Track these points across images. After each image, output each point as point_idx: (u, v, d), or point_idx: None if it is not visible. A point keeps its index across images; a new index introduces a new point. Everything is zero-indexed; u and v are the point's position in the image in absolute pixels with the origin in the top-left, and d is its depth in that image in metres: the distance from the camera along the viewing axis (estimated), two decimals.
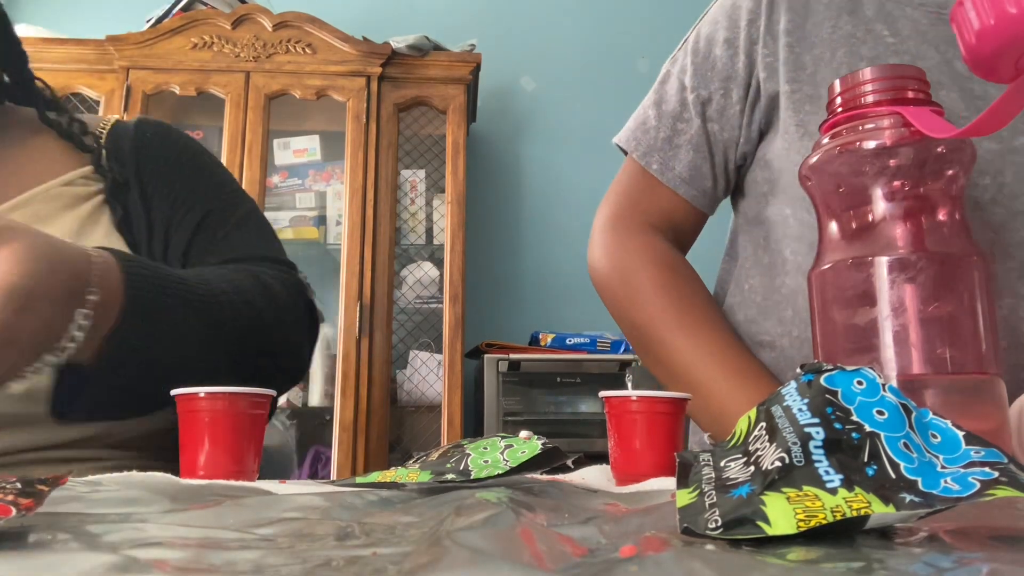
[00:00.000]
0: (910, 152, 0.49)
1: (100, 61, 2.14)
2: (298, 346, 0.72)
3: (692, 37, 0.79)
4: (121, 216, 0.69)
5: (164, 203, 0.72)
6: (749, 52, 0.73)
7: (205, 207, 0.73)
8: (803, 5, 0.71)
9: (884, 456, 0.28)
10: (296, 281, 0.72)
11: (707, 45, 0.76)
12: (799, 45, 0.70)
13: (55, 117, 0.74)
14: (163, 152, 0.75)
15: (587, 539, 0.26)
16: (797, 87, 0.69)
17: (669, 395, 0.48)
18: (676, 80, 0.80)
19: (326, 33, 2.15)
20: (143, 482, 0.39)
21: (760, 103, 0.73)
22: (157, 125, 0.78)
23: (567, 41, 2.62)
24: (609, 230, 0.79)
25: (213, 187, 0.76)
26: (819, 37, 0.70)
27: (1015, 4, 0.39)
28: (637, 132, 0.80)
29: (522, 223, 2.50)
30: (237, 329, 0.62)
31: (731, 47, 0.74)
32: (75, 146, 0.72)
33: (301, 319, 0.71)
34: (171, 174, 0.74)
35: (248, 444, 0.49)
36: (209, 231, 0.72)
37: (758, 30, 0.72)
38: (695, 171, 0.76)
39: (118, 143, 0.74)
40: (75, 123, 0.74)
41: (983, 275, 0.48)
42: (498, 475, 0.41)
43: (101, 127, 0.76)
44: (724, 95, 0.74)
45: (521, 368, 2.02)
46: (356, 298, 2.03)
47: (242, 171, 2.08)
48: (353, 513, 0.33)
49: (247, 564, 0.22)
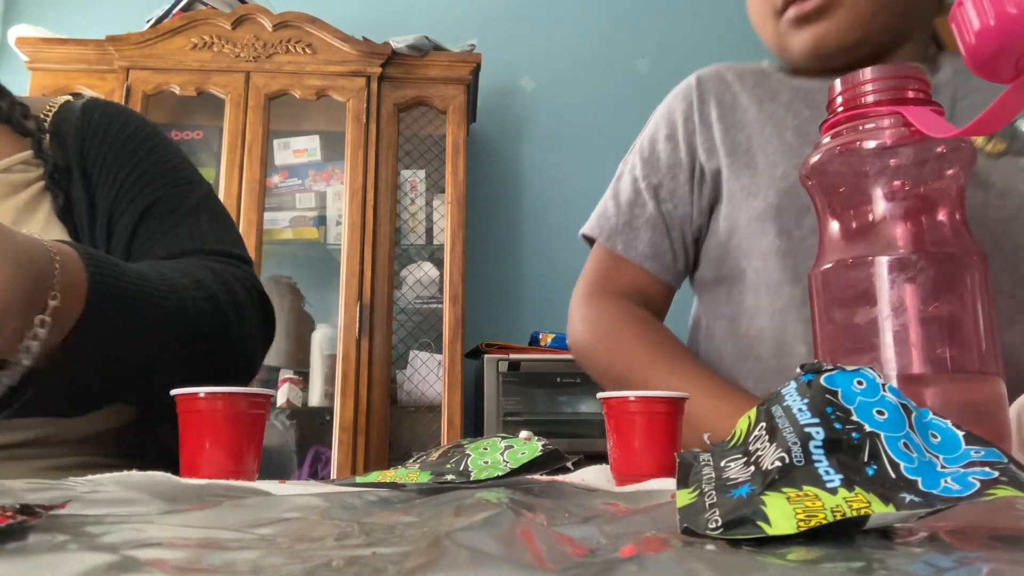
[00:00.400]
0: (910, 152, 0.49)
1: (100, 61, 2.14)
2: (252, 345, 0.68)
3: (638, 143, 0.91)
4: (63, 203, 0.66)
5: (109, 189, 0.68)
6: (689, 142, 0.84)
7: (153, 194, 0.69)
8: (730, 99, 0.84)
9: (884, 456, 0.28)
10: (250, 277, 0.69)
11: (651, 144, 0.88)
12: (732, 128, 0.82)
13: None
14: (109, 135, 0.71)
15: (587, 539, 0.26)
16: (735, 159, 0.80)
17: (668, 395, 0.48)
18: (629, 175, 0.90)
19: (326, 33, 2.15)
20: (142, 483, 0.39)
21: (706, 180, 0.83)
22: (107, 106, 0.74)
23: (567, 41, 2.62)
24: (585, 303, 0.87)
25: (163, 172, 0.71)
26: (747, 119, 0.81)
27: (1015, 4, 0.39)
28: (600, 221, 0.89)
29: (522, 223, 2.50)
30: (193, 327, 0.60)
31: (672, 141, 0.85)
32: (14, 130, 0.68)
33: (255, 317, 0.68)
34: (117, 158, 0.69)
35: (248, 444, 0.49)
36: (155, 220, 0.68)
37: (693, 123, 0.84)
38: (656, 247, 0.84)
39: (62, 126, 0.70)
40: (16, 106, 0.70)
41: (983, 275, 0.48)
42: (498, 476, 0.41)
43: (47, 109, 0.72)
44: (673, 179, 0.84)
45: (521, 368, 2.02)
46: (356, 298, 2.03)
47: (242, 171, 2.08)
48: (353, 513, 0.33)
49: (246, 564, 0.22)
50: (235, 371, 0.67)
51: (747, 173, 0.78)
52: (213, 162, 2.21)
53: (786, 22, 0.79)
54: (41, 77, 2.14)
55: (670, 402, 0.48)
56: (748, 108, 0.82)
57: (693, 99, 0.85)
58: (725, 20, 2.65)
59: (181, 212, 0.69)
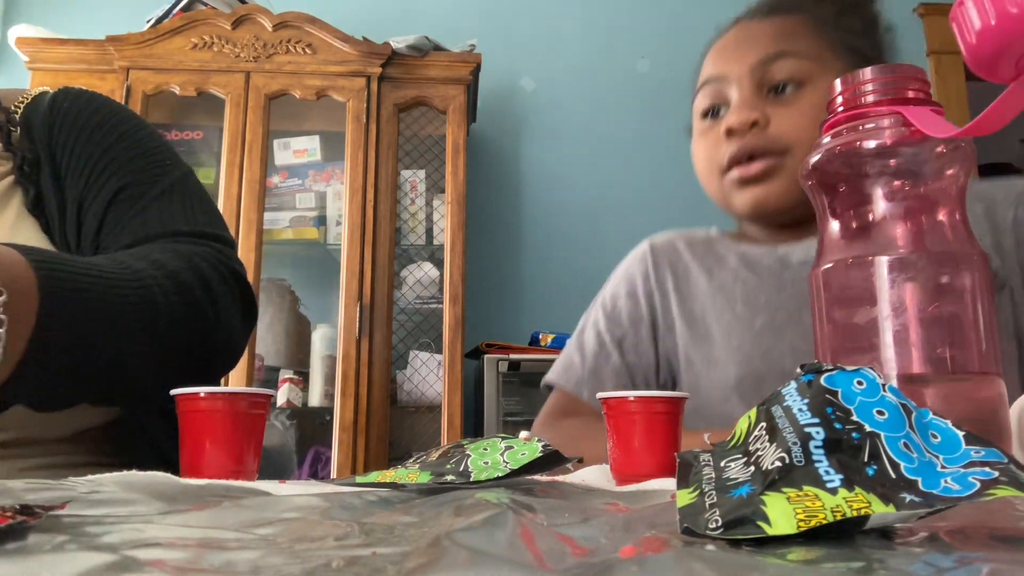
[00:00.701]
0: (910, 152, 0.49)
1: (100, 61, 2.14)
2: (228, 324, 0.63)
3: (599, 299, 0.95)
4: (33, 197, 0.63)
5: (77, 179, 0.65)
6: (648, 300, 0.89)
7: (121, 179, 0.65)
8: (682, 268, 0.88)
9: (884, 456, 0.28)
10: (218, 254, 0.64)
11: (612, 300, 0.92)
12: (687, 298, 0.86)
13: None
14: (79, 122, 0.67)
15: (587, 539, 0.26)
16: (693, 330, 0.84)
17: (667, 395, 0.48)
18: (592, 329, 0.92)
19: (326, 33, 2.15)
20: (142, 483, 0.39)
21: (665, 341, 0.87)
22: (77, 93, 0.70)
23: (567, 41, 2.62)
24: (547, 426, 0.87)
25: (133, 157, 0.67)
26: (699, 290, 0.86)
27: (1016, 3, 0.39)
28: (565, 372, 0.91)
29: (522, 223, 2.50)
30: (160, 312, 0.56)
31: (632, 298, 0.90)
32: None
33: (227, 294, 0.63)
34: (86, 145, 0.66)
35: (248, 444, 0.49)
36: (123, 206, 0.64)
37: (651, 285, 0.89)
38: None
39: (31, 117, 0.67)
40: None
41: (983, 275, 0.48)
42: (498, 477, 0.41)
43: (19, 101, 0.69)
44: (635, 332, 0.88)
45: (521, 368, 2.02)
46: (356, 298, 2.03)
47: (242, 171, 2.08)
48: (352, 513, 0.33)
49: (246, 564, 0.22)
50: (214, 355, 0.63)
51: (705, 344, 0.83)
52: (213, 162, 2.21)
53: (729, 181, 0.82)
54: (41, 77, 2.14)
55: (670, 402, 0.48)
56: (699, 278, 0.87)
57: (649, 265, 0.90)
58: (725, 20, 2.64)
59: (150, 196, 0.65)
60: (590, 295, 0.97)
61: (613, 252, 2.47)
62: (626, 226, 2.49)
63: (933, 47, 2.62)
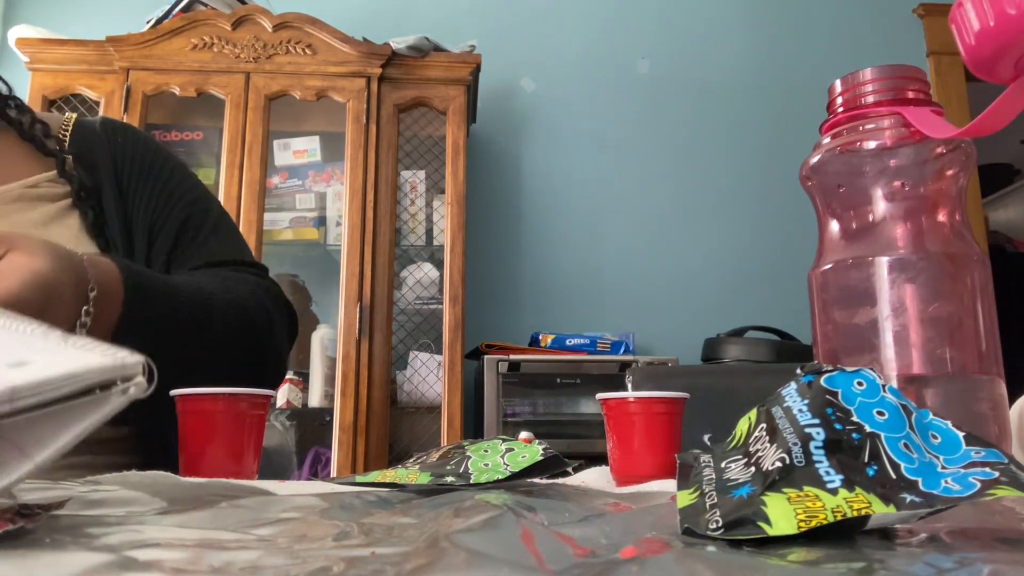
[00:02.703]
0: (910, 152, 0.49)
1: (100, 62, 2.14)
2: (282, 349, 0.74)
3: None
4: (92, 220, 0.69)
5: (146, 206, 0.73)
6: None
7: (183, 211, 0.75)
8: None
9: (884, 456, 0.28)
10: (275, 284, 0.76)
11: None
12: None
13: (16, 116, 0.73)
14: (137, 157, 0.76)
15: (588, 539, 0.26)
16: None
17: (667, 395, 0.48)
18: None
19: (326, 34, 2.15)
20: (142, 482, 0.39)
21: None
22: (125, 127, 0.80)
23: (567, 41, 2.62)
24: None
25: (187, 190, 0.78)
26: None
27: (1014, 5, 0.39)
28: None
29: (522, 223, 2.50)
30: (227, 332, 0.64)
31: None
32: (37, 149, 0.72)
33: (285, 323, 0.74)
34: (147, 180, 0.75)
35: (248, 444, 0.49)
36: (191, 233, 0.75)
37: None
38: None
39: (85, 146, 0.74)
40: (37, 124, 0.74)
41: (983, 275, 0.48)
42: (498, 480, 0.41)
43: (63, 129, 0.76)
44: None
45: (521, 369, 2.02)
46: (356, 299, 2.03)
47: (242, 172, 2.08)
48: (352, 513, 0.33)
49: (245, 564, 0.22)
50: (267, 374, 0.71)
51: None
52: (213, 163, 2.21)
53: None
54: (41, 77, 2.14)
55: (670, 402, 0.48)
56: None
57: None
58: (725, 20, 2.65)
59: (207, 229, 0.77)
60: (590, 295, 0.94)
61: (613, 252, 2.48)
62: (626, 226, 2.49)
63: (933, 47, 2.62)
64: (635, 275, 2.43)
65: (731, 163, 2.54)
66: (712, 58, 2.61)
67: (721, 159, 2.54)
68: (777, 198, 2.48)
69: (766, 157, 2.53)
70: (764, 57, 2.62)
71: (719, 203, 2.51)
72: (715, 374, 1.38)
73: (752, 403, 0.36)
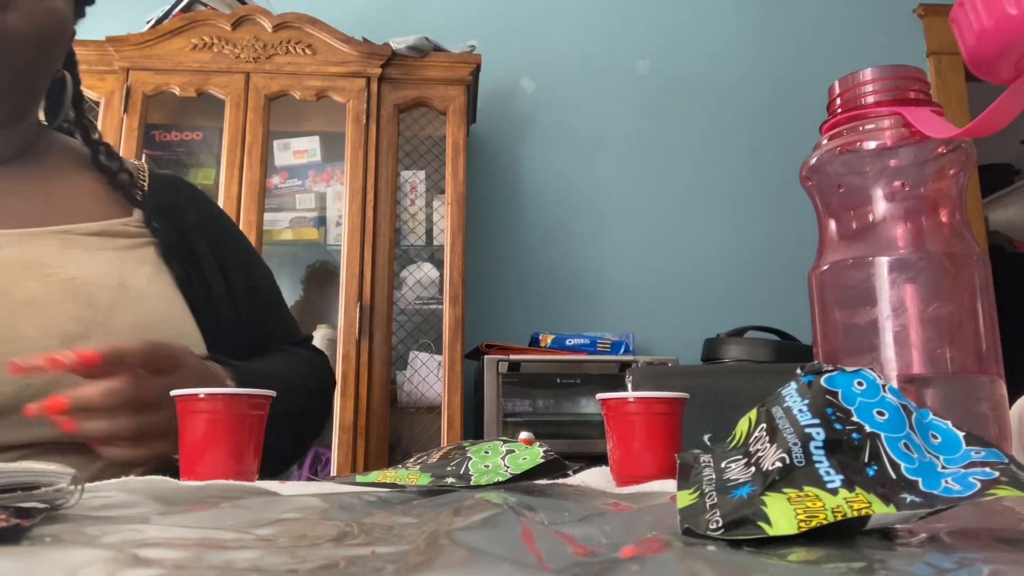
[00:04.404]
0: (910, 152, 0.49)
1: (100, 62, 2.14)
2: (327, 414, 0.87)
3: None
4: (181, 274, 0.75)
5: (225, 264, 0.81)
6: None
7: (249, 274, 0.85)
8: None
9: (885, 456, 0.28)
10: (327, 363, 0.88)
11: None
12: None
13: (107, 163, 0.78)
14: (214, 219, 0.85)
15: (588, 539, 0.26)
16: None
17: (667, 395, 0.48)
18: None
19: (326, 34, 2.15)
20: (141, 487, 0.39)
21: None
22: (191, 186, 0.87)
23: (567, 41, 2.62)
24: None
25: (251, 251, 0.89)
26: None
27: (1015, 5, 0.39)
28: None
29: (522, 224, 2.50)
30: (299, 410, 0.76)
31: None
32: (127, 199, 0.77)
33: (331, 394, 0.88)
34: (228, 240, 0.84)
35: (248, 444, 0.49)
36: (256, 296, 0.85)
37: None
38: None
39: (162, 200, 0.80)
40: (123, 172, 0.78)
41: (983, 275, 0.48)
42: (498, 482, 0.41)
43: (141, 178, 0.81)
44: None
45: (521, 369, 2.02)
46: (356, 299, 2.03)
47: (242, 172, 2.08)
48: (352, 513, 0.33)
49: (246, 564, 0.22)
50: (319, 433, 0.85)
51: None
52: (213, 163, 2.21)
53: None
54: None
55: (670, 402, 0.48)
56: None
57: None
58: (725, 20, 2.65)
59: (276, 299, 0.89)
60: (590, 295, 0.94)
61: (613, 252, 2.48)
62: (626, 226, 2.49)
63: (933, 47, 2.62)
64: (635, 275, 2.43)
65: (731, 163, 2.54)
66: (712, 58, 2.61)
67: (721, 159, 2.54)
68: (777, 198, 2.48)
69: (766, 157, 2.53)
70: (764, 57, 2.62)
71: (719, 203, 2.51)
72: (715, 374, 1.37)
73: (752, 403, 0.36)
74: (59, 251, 0.68)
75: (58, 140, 0.80)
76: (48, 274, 0.65)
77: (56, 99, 0.80)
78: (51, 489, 0.31)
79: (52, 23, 0.70)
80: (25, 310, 0.62)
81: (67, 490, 0.32)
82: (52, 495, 0.31)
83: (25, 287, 0.63)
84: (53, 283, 0.64)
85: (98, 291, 0.66)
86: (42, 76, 0.74)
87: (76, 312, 0.64)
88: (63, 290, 0.64)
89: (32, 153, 0.75)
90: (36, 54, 0.69)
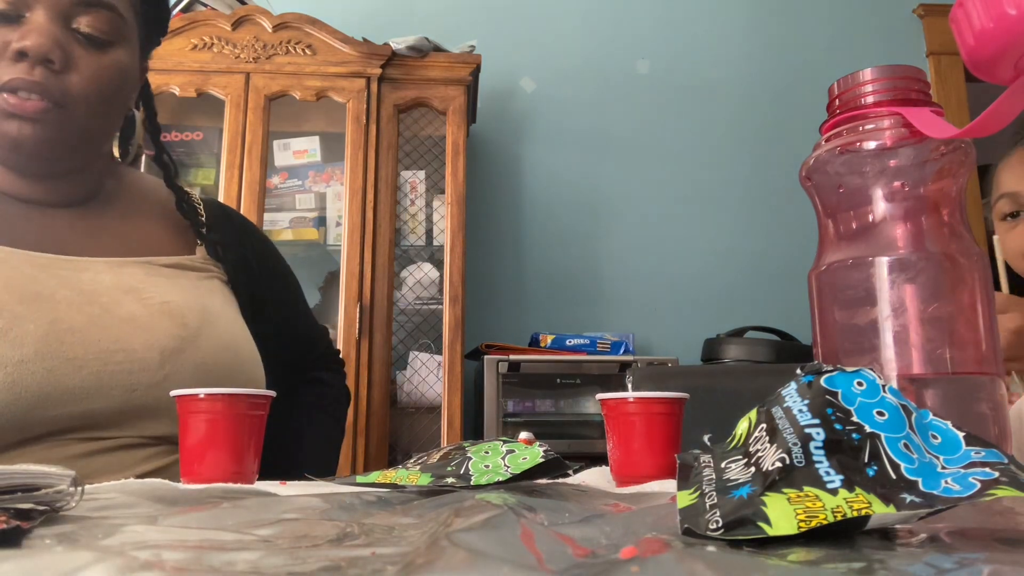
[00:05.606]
0: (910, 152, 0.49)
1: None
2: None
3: None
4: (243, 302, 0.81)
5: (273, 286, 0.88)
6: None
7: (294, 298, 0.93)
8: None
9: (884, 457, 0.28)
10: (345, 382, 1.01)
11: None
12: None
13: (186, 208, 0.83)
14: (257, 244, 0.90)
15: (588, 539, 0.26)
16: None
17: (666, 395, 0.48)
18: None
19: (326, 34, 2.15)
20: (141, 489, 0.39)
21: None
22: (240, 216, 0.94)
23: (567, 41, 2.62)
24: None
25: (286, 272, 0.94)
26: None
27: (1014, 5, 0.39)
28: None
29: (522, 224, 2.50)
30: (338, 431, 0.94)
31: None
32: (194, 231, 0.83)
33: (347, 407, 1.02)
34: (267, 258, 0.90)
35: (248, 445, 0.49)
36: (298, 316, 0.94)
37: None
38: None
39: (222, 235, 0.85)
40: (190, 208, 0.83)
41: (983, 275, 0.48)
42: (498, 482, 0.41)
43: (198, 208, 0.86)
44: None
45: (521, 369, 2.02)
46: (356, 299, 2.03)
47: (242, 172, 2.07)
48: (352, 514, 0.33)
49: (246, 564, 0.22)
50: None
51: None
52: (213, 163, 2.21)
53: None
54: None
55: (670, 403, 0.48)
56: None
57: None
58: (725, 20, 2.65)
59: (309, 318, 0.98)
60: (590, 295, 0.95)
61: (613, 252, 2.48)
62: (626, 226, 2.49)
63: (933, 48, 2.62)
64: (635, 275, 2.43)
65: (731, 163, 2.54)
66: (712, 58, 2.61)
67: (721, 159, 2.54)
68: (777, 198, 2.48)
69: (766, 157, 2.53)
70: (764, 57, 2.62)
71: (719, 203, 2.51)
72: (715, 374, 1.37)
73: (752, 403, 0.36)
74: (146, 279, 0.74)
75: (128, 175, 0.85)
76: (145, 297, 0.71)
77: (126, 135, 0.85)
78: (51, 491, 0.31)
79: (114, 78, 0.73)
80: (129, 327, 0.68)
81: (67, 492, 0.32)
82: (52, 497, 0.31)
83: (127, 308, 0.70)
84: (152, 305, 0.71)
85: (188, 313, 0.72)
86: (110, 124, 0.77)
87: (173, 330, 0.70)
88: (161, 311, 0.71)
89: (109, 190, 0.80)
90: (101, 109, 0.73)
